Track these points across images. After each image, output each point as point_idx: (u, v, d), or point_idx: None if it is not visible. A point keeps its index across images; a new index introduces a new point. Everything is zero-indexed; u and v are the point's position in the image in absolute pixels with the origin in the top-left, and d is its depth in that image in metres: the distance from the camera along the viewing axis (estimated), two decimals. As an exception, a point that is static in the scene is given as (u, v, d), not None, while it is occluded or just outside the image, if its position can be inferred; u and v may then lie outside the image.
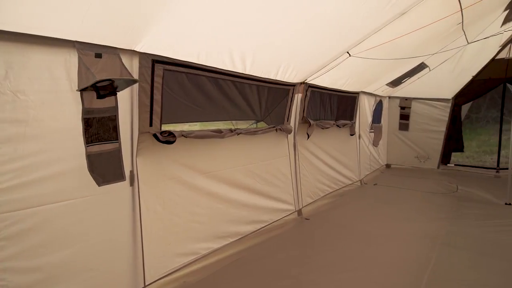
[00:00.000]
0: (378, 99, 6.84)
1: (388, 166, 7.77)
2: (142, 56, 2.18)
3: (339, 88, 4.91)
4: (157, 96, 2.38)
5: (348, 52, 3.60)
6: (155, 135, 2.41)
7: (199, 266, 2.92)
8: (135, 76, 2.16)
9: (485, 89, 7.02)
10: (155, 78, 2.32)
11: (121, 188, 2.24)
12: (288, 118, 3.96)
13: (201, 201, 2.98)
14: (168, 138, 2.48)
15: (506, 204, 4.75)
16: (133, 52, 2.13)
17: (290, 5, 2.35)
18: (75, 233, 2.00)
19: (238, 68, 2.94)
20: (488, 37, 5.29)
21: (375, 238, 3.66)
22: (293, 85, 3.81)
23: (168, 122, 2.80)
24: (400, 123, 7.55)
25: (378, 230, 3.87)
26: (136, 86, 2.22)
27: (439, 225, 4.00)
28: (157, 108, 2.40)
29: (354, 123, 5.76)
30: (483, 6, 3.99)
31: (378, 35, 3.35)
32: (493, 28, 5.23)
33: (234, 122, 3.51)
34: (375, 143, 6.98)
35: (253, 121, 3.82)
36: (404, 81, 6.49)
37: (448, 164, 7.50)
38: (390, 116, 7.64)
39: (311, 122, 4.27)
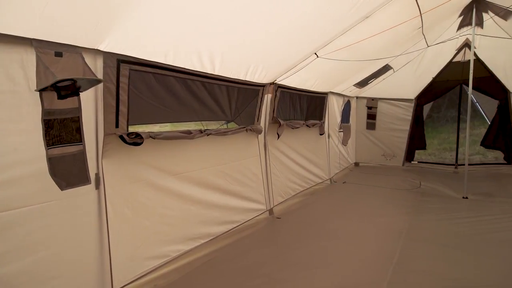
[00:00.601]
0: (346, 99, 7.05)
1: (356, 164, 8.02)
2: (107, 55, 2.12)
3: (308, 88, 5.01)
4: (123, 97, 2.33)
5: (316, 54, 3.69)
6: (121, 137, 2.35)
7: (170, 269, 2.89)
8: (99, 76, 2.10)
9: (444, 90, 7.44)
10: (121, 78, 2.27)
11: (86, 191, 2.17)
12: (258, 119, 4.00)
13: (171, 203, 2.94)
14: (135, 140, 2.43)
15: (463, 198, 5.05)
16: (97, 51, 2.06)
17: (259, 7, 2.38)
18: (37, 240, 1.91)
19: (207, 69, 2.93)
20: (445, 41, 5.63)
21: (344, 234, 3.77)
22: (262, 85, 3.85)
23: (136, 123, 2.74)
24: (367, 123, 7.81)
25: (347, 227, 3.99)
26: (100, 86, 2.16)
27: (403, 219, 4.19)
28: (123, 109, 2.35)
29: (324, 122, 5.90)
30: (440, 12, 4.24)
31: (344, 37, 3.47)
32: (450, 32, 5.57)
33: (206, 122, 3.50)
34: (344, 142, 7.18)
35: (224, 122, 3.83)
36: (371, 82, 6.74)
37: (412, 162, 7.85)
38: (358, 116, 7.89)
39: (281, 122, 4.33)
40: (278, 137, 4.44)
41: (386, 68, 6.18)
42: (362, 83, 6.56)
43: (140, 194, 2.65)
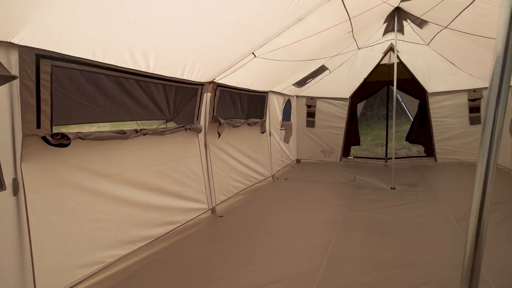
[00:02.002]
0: (286, 98, 7.29)
1: (298, 161, 8.33)
2: (23, 49, 1.95)
3: (248, 87, 5.09)
4: (45, 95, 2.16)
5: (253, 53, 3.76)
6: (44, 138, 2.18)
7: (106, 275, 2.74)
8: (15, 72, 1.93)
9: (374, 90, 8.07)
10: (42, 75, 2.11)
11: (1, 198, 1.98)
12: (198, 118, 3.96)
13: (105, 206, 2.80)
14: (61, 141, 2.27)
15: (391, 188, 5.55)
16: (10, 45, 1.89)
17: (192, 6, 2.37)
18: None
19: (141, 67, 2.83)
20: (373, 45, 6.10)
21: (284, 228, 3.91)
22: (201, 84, 3.83)
23: (65, 123, 2.55)
24: (307, 121, 8.16)
25: (287, 221, 4.15)
26: (16, 83, 1.98)
27: (339, 211, 4.47)
28: (45, 108, 2.18)
29: (265, 121, 6.04)
30: (367, 18, 4.59)
31: (280, 38, 3.59)
32: (377, 37, 6.06)
33: (146, 122, 3.37)
34: (286, 140, 7.42)
35: (163, 121, 3.73)
36: (309, 82, 7.05)
37: (348, 157, 8.38)
38: (298, 114, 8.19)
39: (222, 121, 4.35)
40: (219, 136, 4.45)
41: (322, 69, 6.52)
42: (301, 83, 6.83)
43: (69, 198, 2.49)
